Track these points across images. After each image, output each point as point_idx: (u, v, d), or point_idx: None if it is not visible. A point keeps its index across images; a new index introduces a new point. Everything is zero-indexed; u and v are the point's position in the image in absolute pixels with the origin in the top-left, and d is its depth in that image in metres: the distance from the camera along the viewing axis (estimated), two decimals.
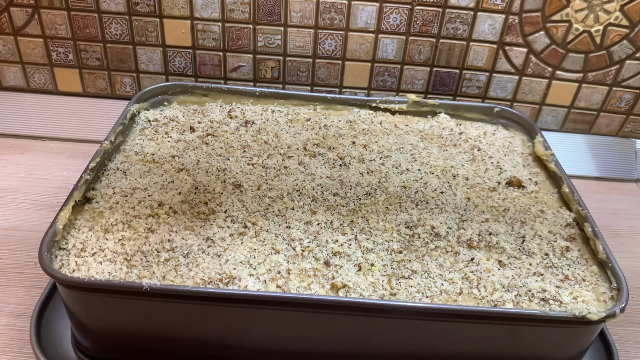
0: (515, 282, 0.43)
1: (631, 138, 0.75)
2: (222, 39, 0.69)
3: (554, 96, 0.72)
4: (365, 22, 0.67)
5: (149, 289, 0.38)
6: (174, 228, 0.45)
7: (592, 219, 0.48)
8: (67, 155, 0.69)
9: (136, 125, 0.59)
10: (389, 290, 0.41)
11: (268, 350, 0.43)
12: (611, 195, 0.71)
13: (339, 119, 0.62)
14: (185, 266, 0.42)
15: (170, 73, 0.72)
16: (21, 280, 0.52)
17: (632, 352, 0.50)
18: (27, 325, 0.47)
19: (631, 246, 0.63)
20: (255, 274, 0.42)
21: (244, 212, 0.47)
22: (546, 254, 0.46)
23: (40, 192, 0.63)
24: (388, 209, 0.49)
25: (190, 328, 0.42)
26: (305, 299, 0.39)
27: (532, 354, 0.42)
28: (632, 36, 0.67)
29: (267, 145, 0.57)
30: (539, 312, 0.39)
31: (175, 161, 0.53)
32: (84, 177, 0.48)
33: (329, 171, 0.54)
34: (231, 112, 0.62)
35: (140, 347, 0.44)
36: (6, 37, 0.69)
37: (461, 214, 0.49)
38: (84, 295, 0.40)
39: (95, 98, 0.74)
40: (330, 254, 0.44)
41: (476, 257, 0.45)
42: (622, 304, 0.40)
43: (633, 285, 0.55)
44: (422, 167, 0.55)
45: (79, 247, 0.43)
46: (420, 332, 0.41)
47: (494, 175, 0.55)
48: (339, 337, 0.42)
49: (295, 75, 0.72)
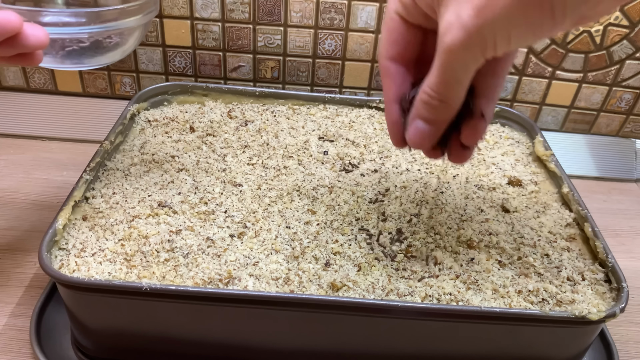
0: (515, 283, 0.43)
1: (631, 138, 0.75)
2: (222, 39, 0.69)
3: (554, 96, 0.72)
4: (365, 22, 0.67)
5: (148, 289, 0.38)
6: (174, 228, 0.45)
7: (592, 219, 0.48)
8: (67, 155, 0.69)
9: (136, 125, 0.59)
10: (389, 291, 0.41)
11: (268, 350, 0.43)
12: (611, 195, 0.71)
13: (339, 119, 0.62)
14: (185, 266, 0.42)
15: (170, 73, 0.72)
16: (21, 280, 0.52)
17: (632, 352, 0.50)
18: (27, 325, 0.47)
19: (631, 246, 0.63)
20: (255, 274, 0.42)
21: (244, 212, 0.47)
22: (546, 254, 0.46)
23: (40, 192, 0.63)
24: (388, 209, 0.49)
25: (190, 328, 0.42)
26: (305, 299, 0.39)
27: (532, 354, 0.43)
28: (632, 36, 0.67)
29: (267, 145, 0.57)
30: (539, 312, 0.39)
31: (175, 161, 0.53)
32: (84, 177, 0.48)
33: (329, 171, 0.54)
34: (231, 112, 0.62)
35: (140, 347, 0.44)
36: None
37: (461, 214, 0.49)
38: (84, 295, 0.40)
39: (95, 98, 0.74)
40: (330, 254, 0.44)
41: (476, 257, 0.45)
42: (622, 304, 0.40)
43: (633, 285, 0.55)
44: (422, 167, 0.55)
45: (79, 247, 0.43)
46: (420, 332, 0.41)
47: (494, 175, 0.55)
48: (339, 337, 0.42)
49: (295, 75, 0.72)
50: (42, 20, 0.41)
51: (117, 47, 0.47)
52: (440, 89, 0.35)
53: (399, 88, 0.39)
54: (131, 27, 0.46)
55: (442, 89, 0.35)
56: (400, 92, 0.39)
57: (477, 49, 0.32)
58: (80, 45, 0.45)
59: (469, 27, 0.31)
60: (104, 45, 0.46)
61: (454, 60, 0.33)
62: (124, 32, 0.46)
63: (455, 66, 0.33)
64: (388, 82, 0.39)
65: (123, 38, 0.47)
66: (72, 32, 0.43)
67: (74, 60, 0.46)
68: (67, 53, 0.45)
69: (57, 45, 0.44)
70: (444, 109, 0.36)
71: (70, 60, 0.46)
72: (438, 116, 0.36)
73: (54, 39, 0.43)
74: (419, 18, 0.37)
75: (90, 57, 0.46)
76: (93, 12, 0.44)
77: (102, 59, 0.47)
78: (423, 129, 0.37)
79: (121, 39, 0.47)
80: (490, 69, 0.36)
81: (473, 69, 0.34)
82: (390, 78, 0.39)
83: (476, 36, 0.32)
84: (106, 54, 0.47)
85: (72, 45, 0.45)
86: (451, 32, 0.32)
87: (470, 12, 0.31)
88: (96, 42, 0.46)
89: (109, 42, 0.46)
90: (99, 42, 0.46)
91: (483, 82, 0.37)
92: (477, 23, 0.31)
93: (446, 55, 0.33)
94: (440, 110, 0.36)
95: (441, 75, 0.34)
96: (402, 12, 0.37)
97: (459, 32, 0.32)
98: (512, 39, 0.32)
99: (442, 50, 0.33)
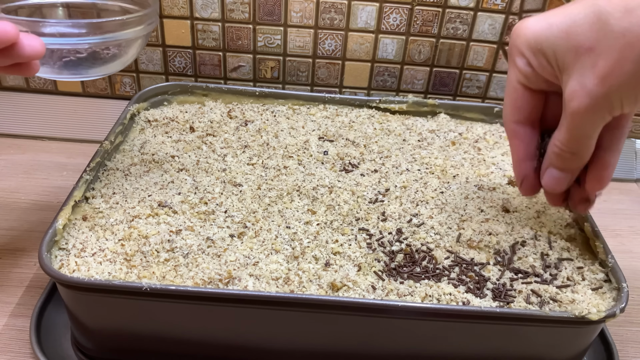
0: (515, 283, 0.43)
1: (631, 138, 0.75)
2: (222, 39, 0.69)
3: None
4: (365, 22, 0.67)
5: (148, 289, 0.38)
6: (174, 228, 0.45)
7: (592, 219, 0.48)
8: (67, 155, 0.69)
9: (136, 125, 0.59)
10: (389, 291, 0.41)
11: (268, 350, 0.43)
12: (611, 195, 0.71)
13: (339, 119, 0.62)
14: (185, 266, 0.42)
15: (170, 73, 0.72)
16: (21, 280, 0.52)
17: (632, 352, 0.50)
18: (27, 325, 0.47)
19: (631, 246, 0.63)
20: (255, 274, 0.42)
21: (244, 212, 0.47)
22: (546, 254, 0.46)
23: (40, 192, 0.63)
24: (388, 209, 0.49)
25: (190, 328, 0.42)
26: (305, 299, 0.39)
27: (532, 354, 0.43)
28: None
29: (267, 145, 0.57)
30: (539, 312, 0.39)
31: (175, 161, 0.53)
32: (84, 177, 0.48)
33: (329, 171, 0.54)
34: (231, 112, 0.62)
35: (140, 347, 0.44)
36: None
37: (461, 214, 0.49)
38: (84, 295, 0.40)
39: (95, 98, 0.74)
40: (330, 254, 0.44)
41: (476, 257, 0.45)
42: (622, 304, 0.40)
43: (633, 285, 0.55)
44: (422, 167, 0.55)
45: (78, 247, 0.43)
46: (420, 332, 0.41)
47: (494, 175, 0.55)
48: (339, 337, 0.42)
49: (295, 75, 0.72)
50: (42, 30, 0.41)
51: (115, 58, 0.47)
52: (571, 144, 0.38)
53: (527, 147, 0.42)
54: (131, 38, 0.46)
55: (572, 144, 0.38)
56: (528, 150, 0.42)
57: (605, 111, 0.35)
58: (77, 56, 0.45)
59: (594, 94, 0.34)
60: (101, 56, 0.46)
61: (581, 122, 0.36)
62: (121, 44, 0.46)
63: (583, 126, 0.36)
64: (517, 142, 0.43)
65: (121, 49, 0.46)
66: (72, 42, 0.43)
67: (71, 70, 0.45)
68: (64, 63, 0.44)
69: (55, 56, 0.44)
70: (575, 159, 0.39)
71: (68, 71, 0.45)
72: (570, 165, 0.40)
73: (52, 50, 0.43)
74: (541, 85, 0.40)
75: (87, 67, 0.46)
76: (94, 23, 0.43)
77: (102, 70, 0.47)
78: (557, 175, 0.41)
79: (119, 50, 0.46)
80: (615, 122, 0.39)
81: (601, 125, 0.37)
82: (519, 139, 0.42)
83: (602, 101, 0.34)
84: (104, 64, 0.46)
85: (69, 55, 0.44)
86: (577, 99, 0.35)
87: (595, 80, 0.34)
88: (93, 53, 0.45)
89: (106, 54, 0.46)
90: (97, 53, 0.45)
91: (607, 134, 0.40)
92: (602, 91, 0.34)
93: (573, 117, 0.36)
94: (572, 160, 0.40)
95: (570, 133, 0.37)
96: (524, 81, 0.40)
97: (584, 99, 0.34)
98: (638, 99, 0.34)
99: (569, 113, 0.36)
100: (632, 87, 0.33)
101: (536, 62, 0.38)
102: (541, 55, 0.37)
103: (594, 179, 0.41)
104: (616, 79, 0.33)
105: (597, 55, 0.33)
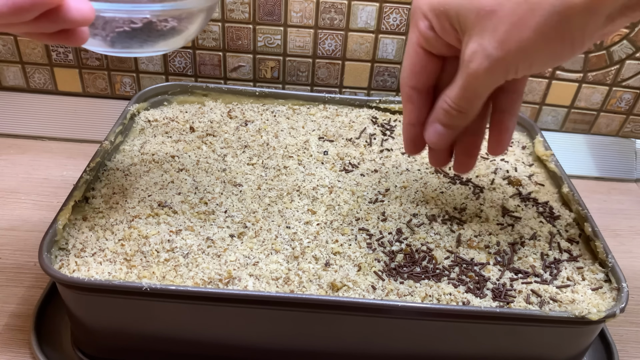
0: (515, 283, 0.43)
1: (631, 138, 0.75)
2: (222, 39, 0.69)
3: (554, 96, 0.72)
4: (365, 22, 0.67)
5: (148, 289, 0.38)
6: (174, 228, 0.45)
7: (592, 219, 0.48)
8: (67, 155, 0.69)
9: (136, 125, 0.59)
10: (389, 291, 0.41)
11: (268, 350, 0.43)
12: (611, 195, 0.71)
13: (339, 119, 0.62)
14: (185, 266, 0.42)
15: (170, 73, 0.72)
16: (21, 280, 0.52)
17: (632, 352, 0.50)
18: (27, 325, 0.47)
19: (631, 246, 0.63)
20: (255, 274, 0.42)
21: (244, 212, 0.47)
22: (546, 254, 0.46)
23: (40, 192, 0.63)
24: (388, 209, 0.49)
25: (190, 328, 0.42)
26: (305, 299, 0.39)
27: (532, 354, 0.43)
28: (632, 36, 0.67)
29: (267, 145, 0.57)
30: (539, 312, 0.39)
31: (175, 161, 0.53)
32: (84, 177, 0.48)
33: (329, 171, 0.54)
34: (231, 112, 0.62)
35: (140, 347, 0.44)
36: (6, 37, 0.69)
37: (461, 214, 0.49)
38: (84, 295, 0.40)
39: (95, 98, 0.74)
40: (330, 254, 0.44)
41: (476, 257, 0.45)
42: (622, 304, 0.40)
43: (633, 285, 0.55)
44: (422, 167, 0.55)
45: (78, 247, 0.43)
46: (420, 332, 0.42)
47: (494, 176, 0.55)
48: (339, 337, 0.42)
49: (295, 75, 0.72)
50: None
51: (173, 32, 0.40)
52: (461, 103, 0.39)
53: (420, 112, 0.43)
54: (193, 9, 0.40)
55: (463, 102, 0.39)
56: (420, 115, 0.43)
57: (500, 74, 0.36)
58: (132, 26, 0.39)
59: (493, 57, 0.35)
60: (158, 28, 0.40)
61: (476, 83, 0.37)
62: (182, 15, 0.40)
63: (477, 87, 0.37)
64: (410, 107, 0.43)
65: (181, 22, 0.40)
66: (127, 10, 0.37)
67: (124, 43, 0.39)
68: (117, 35, 0.39)
69: (108, 26, 0.38)
70: (461, 117, 0.40)
71: (121, 44, 0.39)
72: (455, 122, 0.41)
73: (104, 18, 0.37)
74: (441, 49, 0.40)
75: (141, 42, 0.40)
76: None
77: (157, 46, 0.41)
78: (441, 131, 0.41)
79: (179, 23, 0.40)
80: (511, 86, 0.40)
81: (493, 87, 0.37)
82: (413, 104, 0.43)
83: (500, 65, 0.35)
84: (160, 39, 0.40)
85: (122, 26, 0.38)
86: (476, 60, 0.35)
87: (495, 44, 0.34)
88: (149, 24, 0.39)
89: (164, 26, 0.40)
90: (153, 24, 0.39)
91: (505, 98, 0.41)
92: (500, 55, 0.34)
93: (470, 77, 0.36)
94: (458, 118, 0.40)
95: (463, 92, 0.38)
96: (425, 45, 0.40)
97: (483, 62, 0.35)
98: (533, 66, 0.35)
99: (466, 73, 0.37)
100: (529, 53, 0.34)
101: (439, 25, 0.38)
102: (444, 18, 0.37)
103: (494, 142, 0.43)
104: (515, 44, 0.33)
105: (499, 19, 0.34)
